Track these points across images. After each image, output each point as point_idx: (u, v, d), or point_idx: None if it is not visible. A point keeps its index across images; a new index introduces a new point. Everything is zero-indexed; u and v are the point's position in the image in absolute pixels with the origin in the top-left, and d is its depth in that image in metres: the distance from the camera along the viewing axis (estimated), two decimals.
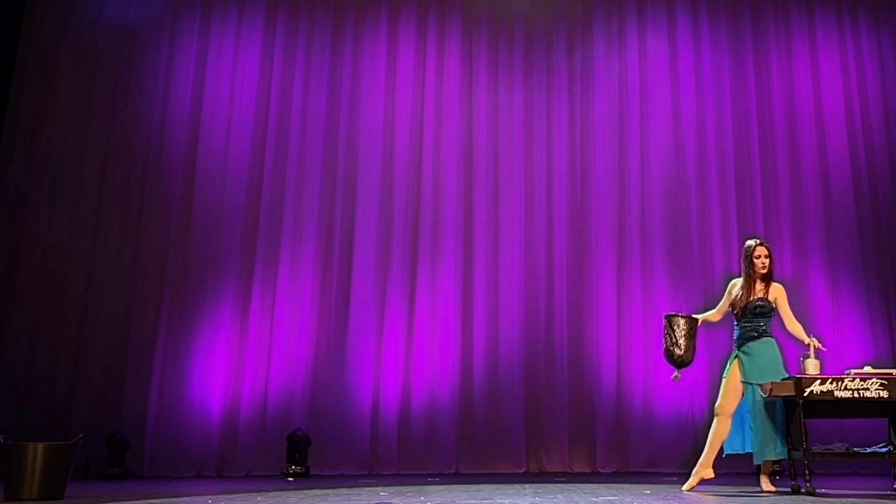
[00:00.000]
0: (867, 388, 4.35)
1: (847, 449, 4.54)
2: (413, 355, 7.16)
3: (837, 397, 4.36)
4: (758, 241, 4.90)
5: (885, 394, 4.34)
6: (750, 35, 7.96)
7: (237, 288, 7.22)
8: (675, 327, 4.77)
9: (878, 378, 4.38)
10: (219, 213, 7.36)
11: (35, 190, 7.28)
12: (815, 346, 4.63)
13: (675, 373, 4.84)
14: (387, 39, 7.85)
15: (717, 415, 4.72)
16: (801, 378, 4.40)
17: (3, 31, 7.54)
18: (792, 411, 4.48)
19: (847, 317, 7.34)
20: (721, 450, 4.76)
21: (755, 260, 4.80)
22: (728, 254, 7.43)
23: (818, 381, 4.38)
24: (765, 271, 4.79)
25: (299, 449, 6.54)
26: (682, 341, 4.74)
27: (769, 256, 4.81)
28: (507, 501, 3.99)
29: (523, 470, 6.89)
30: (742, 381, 4.68)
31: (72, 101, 7.51)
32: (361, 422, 6.96)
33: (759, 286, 4.81)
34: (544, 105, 7.76)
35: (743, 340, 4.77)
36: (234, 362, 7.08)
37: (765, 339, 4.73)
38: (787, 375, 4.58)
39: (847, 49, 7.99)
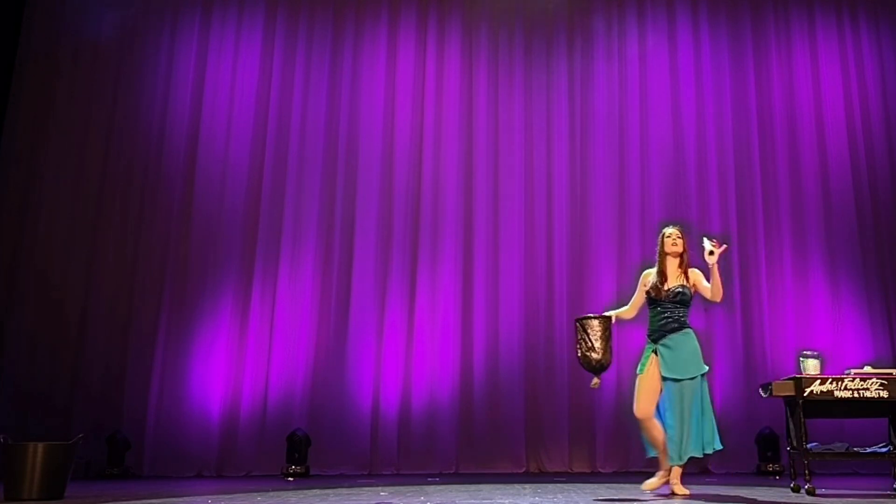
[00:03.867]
0: (867, 388, 4.34)
1: (847, 449, 4.53)
2: (413, 355, 7.16)
3: (837, 397, 4.36)
4: (669, 225, 4.66)
5: (885, 394, 4.33)
6: (750, 35, 7.95)
7: (237, 288, 7.22)
8: (588, 330, 4.33)
9: (878, 378, 4.37)
10: (219, 213, 7.36)
11: (35, 190, 7.28)
12: (711, 247, 4.36)
13: (595, 380, 4.38)
14: (387, 39, 7.85)
15: (643, 419, 4.30)
16: (801, 378, 4.39)
17: (3, 31, 7.54)
18: (792, 411, 4.48)
19: (847, 317, 7.33)
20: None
21: (665, 240, 4.53)
22: (728, 254, 7.42)
23: (818, 381, 4.37)
24: (677, 249, 4.48)
25: (299, 449, 6.54)
26: (598, 344, 4.31)
27: (681, 237, 4.52)
28: (507, 501, 3.99)
29: (523, 470, 6.89)
30: (663, 377, 4.30)
31: (72, 101, 7.51)
32: (361, 422, 6.95)
33: (676, 271, 4.49)
34: (544, 105, 7.76)
35: (663, 332, 4.38)
36: (234, 362, 7.08)
37: (686, 329, 4.39)
38: (707, 367, 4.37)
39: (847, 49, 7.99)
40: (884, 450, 4.44)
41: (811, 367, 4.51)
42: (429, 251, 7.39)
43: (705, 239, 4.47)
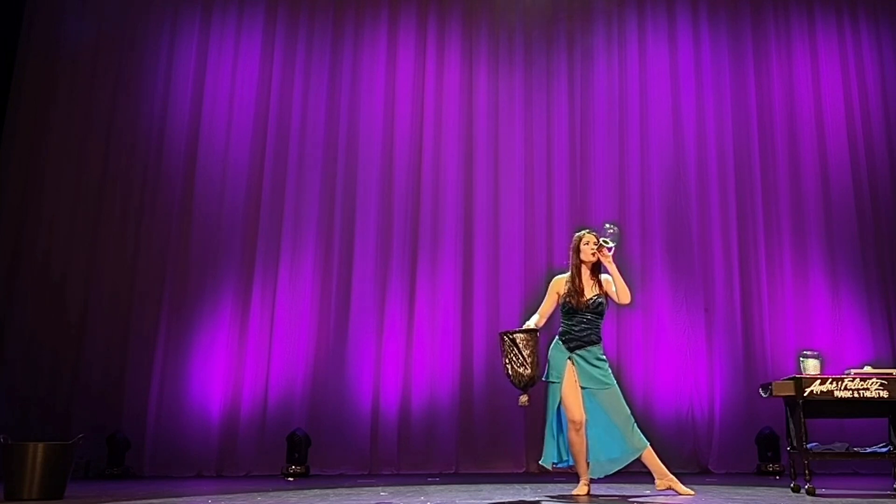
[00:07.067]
0: (867, 388, 4.35)
1: (847, 449, 4.53)
2: (413, 355, 7.16)
3: (837, 397, 4.36)
4: (585, 231, 4.60)
5: (885, 394, 4.33)
6: (750, 35, 7.95)
7: (237, 288, 7.22)
8: (519, 344, 4.21)
9: (878, 378, 4.37)
10: (219, 213, 7.36)
11: (35, 191, 7.28)
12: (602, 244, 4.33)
13: (524, 396, 4.28)
14: (387, 39, 7.85)
15: (578, 429, 4.29)
16: (801, 378, 4.40)
17: (3, 32, 7.54)
18: (792, 411, 4.48)
19: (847, 317, 7.33)
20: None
21: (584, 247, 4.46)
22: (728, 254, 7.43)
23: (818, 381, 4.37)
24: (594, 259, 4.44)
25: (299, 449, 6.54)
26: (530, 359, 4.21)
27: (598, 244, 4.42)
28: (507, 501, 3.99)
29: (523, 470, 6.89)
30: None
31: (72, 101, 7.51)
32: (361, 422, 6.95)
33: (591, 280, 4.47)
34: (544, 105, 7.76)
35: (581, 343, 4.39)
36: (234, 362, 7.08)
37: (600, 343, 4.46)
38: (614, 381, 4.40)
39: (847, 49, 7.98)
40: (884, 450, 4.44)
41: (811, 367, 4.52)
42: (429, 251, 7.39)
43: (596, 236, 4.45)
